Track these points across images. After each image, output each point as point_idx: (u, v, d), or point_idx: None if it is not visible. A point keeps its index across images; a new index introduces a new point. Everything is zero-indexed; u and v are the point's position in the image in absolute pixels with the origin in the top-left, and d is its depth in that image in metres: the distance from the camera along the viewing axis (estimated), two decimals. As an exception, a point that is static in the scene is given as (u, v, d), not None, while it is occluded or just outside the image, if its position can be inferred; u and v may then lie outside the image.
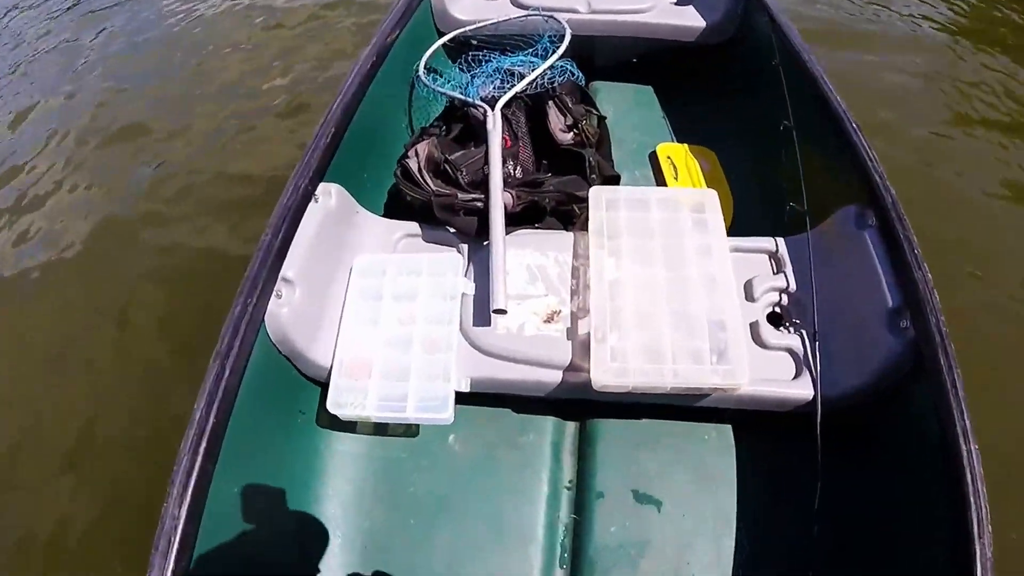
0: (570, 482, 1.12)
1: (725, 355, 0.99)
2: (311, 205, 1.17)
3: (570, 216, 1.28)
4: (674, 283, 1.07)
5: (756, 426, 1.09)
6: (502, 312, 1.05)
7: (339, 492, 1.09)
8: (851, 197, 1.15)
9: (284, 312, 1.03)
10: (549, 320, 1.10)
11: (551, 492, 1.10)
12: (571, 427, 1.18)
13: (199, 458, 0.82)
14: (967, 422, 0.83)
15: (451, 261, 1.19)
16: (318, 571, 1.02)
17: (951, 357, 0.88)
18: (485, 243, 1.18)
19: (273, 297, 1.02)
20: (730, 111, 1.70)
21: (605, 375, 0.97)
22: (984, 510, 0.77)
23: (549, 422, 1.17)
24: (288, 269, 1.04)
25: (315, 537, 1.03)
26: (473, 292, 1.15)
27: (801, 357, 1.07)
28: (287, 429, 1.07)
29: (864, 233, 1.10)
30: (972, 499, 0.77)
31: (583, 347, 1.05)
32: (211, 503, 0.84)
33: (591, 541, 1.04)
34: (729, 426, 1.13)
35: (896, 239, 1.03)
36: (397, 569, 1.04)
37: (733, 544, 1.03)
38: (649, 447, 1.12)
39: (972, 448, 0.81)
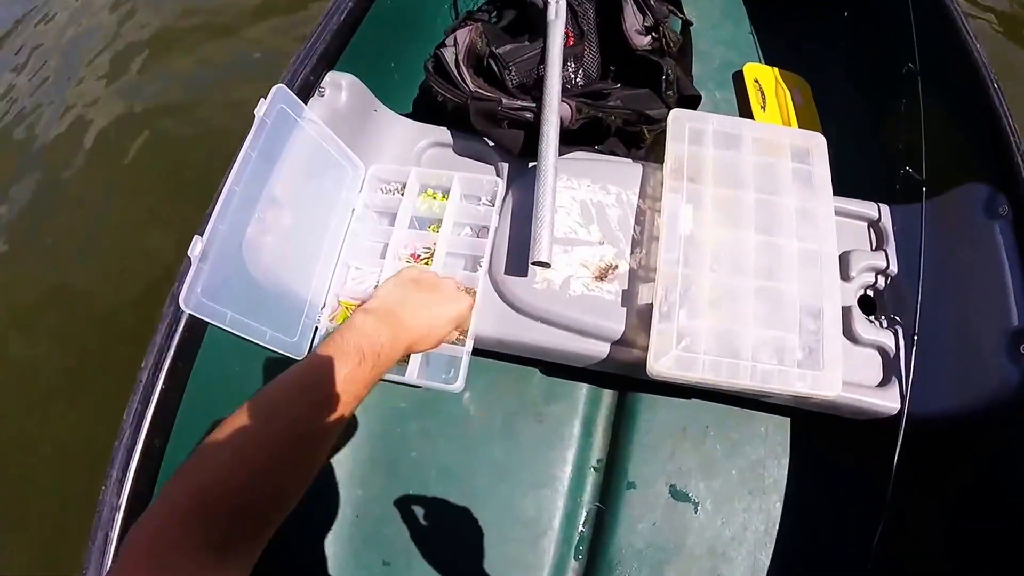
0: (598, 462, 0.97)
1: (815, 355, 0.79)
2: (313, 100, 0.92)
3: (637, 140, 1.03)
4: (765, 252, 0.85)
5: (820, 426, 0.92)
6: (545, 265, 0.84)
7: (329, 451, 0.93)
8: (980, 173, 0.92)
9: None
10: (602, 277, 0.89)
11: (575, 474, 0.95)
12: (607, 398, 1.01)
13: (143, 435, 0.65)
14: None
15: (487, 185, 0.96)
16: (302, 547, 0.89)
17: None
18: (531, 165, 0.94)
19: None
20: (835, 37, 1.38)
21: (665, 363, 0.78)
22: None
23: (583, 390, 1.00)
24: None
25: (297, 507, 0.89)
26: (508, 228, 0.93)
27: (892, 359, 0.88)
28: (269, 377, 0.89)
29: (993, 224, 0.87)
30: None
31: (641, 319, 0.85)
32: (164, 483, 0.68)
33: (614, 536, 0.90)
34: (788, 420, 0.97)
35: None
36: (391, 547, 0.90)
37: (773, 560, 0.89)
38: (694, 435, 0.96)
39: None
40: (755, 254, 0.85)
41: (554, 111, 0.93)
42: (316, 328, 0.89)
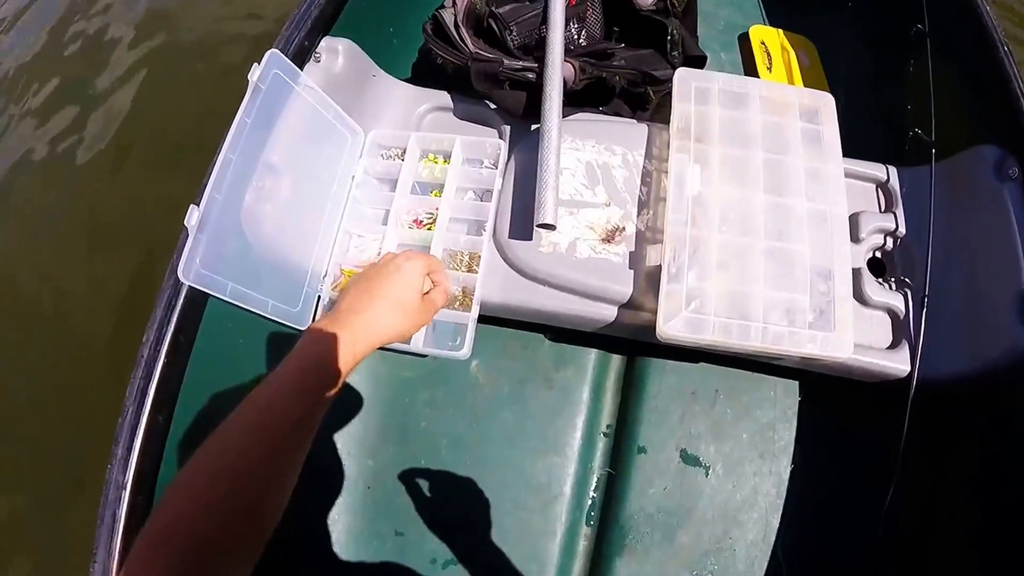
0: (608, 427, 0.97)
1: (826, 317, 0.78)
2: (309, 66, 0.90)
3: (642, 101, 1.00)
4: (774, 212, 0.83)
5: (830, 389, 0.91)
6: (550, 227, 0.82)
7: (338, 423, 0.93)
8: (989, 135, 0.90)
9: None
10: (608, 239, 0.87)
11: (586, 440, 0.95)
12: (616, 363, 1.01)
13: (146, 411, 0.64)
14: None
15: (490, 148, 0.94)
16: (314, 519, 0.89)
17: None
18: (534, 127, 0.92)
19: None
20: None
21: (675, 325, 0.77)
22: None
23: (591, 356, 0.99)
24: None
25: (310, 480, 0.89)
26: (512, 192, 0.91)
27: (901, 322, 0.87)
28: (273, 348, 0.87)
29: (1003, 186, 0.86)
30: None
31: (649, 281, 0.84)
32: (169, 459, 0.67)
33: (625, 501, 0.90)
34: (797, 383, 0.96)
35: None
36: (404, 516, 0.90)
37: (784, 523, 0.89)
38: (704, 399, 0.95)
39: None
40: (764, 214, 0.83)
41: (557, 70, 0.90)
42: (319, 297, 0.87)
